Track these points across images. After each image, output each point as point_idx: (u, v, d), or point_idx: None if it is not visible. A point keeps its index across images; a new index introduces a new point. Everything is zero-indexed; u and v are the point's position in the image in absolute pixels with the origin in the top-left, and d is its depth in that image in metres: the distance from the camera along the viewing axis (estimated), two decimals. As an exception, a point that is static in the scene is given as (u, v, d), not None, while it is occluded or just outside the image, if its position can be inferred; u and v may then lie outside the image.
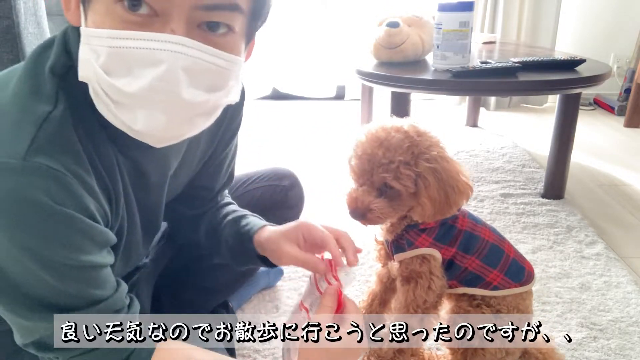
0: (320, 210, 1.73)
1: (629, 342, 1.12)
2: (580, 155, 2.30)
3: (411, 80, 1.63)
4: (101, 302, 0.60)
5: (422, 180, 0.80)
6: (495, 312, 0.90)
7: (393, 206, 0.84)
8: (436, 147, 0.83)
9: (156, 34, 0.53)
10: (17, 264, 0.54)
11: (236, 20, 0.58)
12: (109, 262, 0.61)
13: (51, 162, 0.53)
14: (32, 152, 0.52)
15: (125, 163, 0.66)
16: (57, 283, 0.56)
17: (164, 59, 0.53)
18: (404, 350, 0.97)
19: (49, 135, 0.54)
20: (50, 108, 0.56)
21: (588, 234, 1.58)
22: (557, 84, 1.61)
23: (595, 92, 3.15)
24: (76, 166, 0.56)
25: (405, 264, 0.91)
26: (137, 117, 0.55)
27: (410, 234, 0.90)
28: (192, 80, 0.55)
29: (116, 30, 0.53)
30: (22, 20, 1.20)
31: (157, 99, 0.54)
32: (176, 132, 0.60)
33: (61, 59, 0.59)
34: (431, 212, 0.82)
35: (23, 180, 0.51)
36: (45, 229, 0.53)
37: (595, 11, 3.10)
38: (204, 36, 0.56)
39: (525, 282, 0.92)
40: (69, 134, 0.56)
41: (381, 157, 0.80)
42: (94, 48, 0.54)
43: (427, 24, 1.87)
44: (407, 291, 0.91)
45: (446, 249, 0.90)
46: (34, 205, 0.51)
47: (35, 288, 0.56)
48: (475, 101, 2.73)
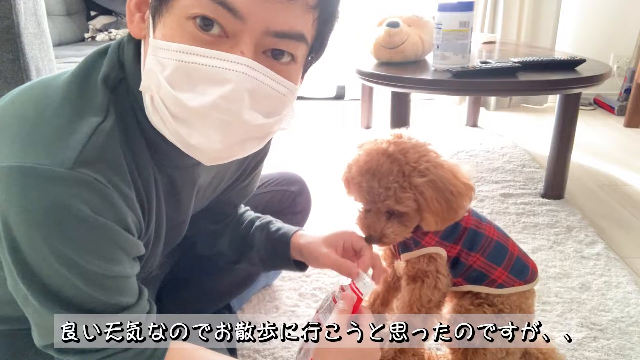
0: (319, 210, 1.73)
1: (629, 342, 1.12)
2: (580, 155, 2.30)
3: (411, 80, 1.63)
4: (127, 309, 0.61)
5: (422, 195, 0.80)
6: (498, 312, 0.90)
7: (404, 224, 0.85)
8: (425, 156, 0.82)
9: (227, 54, 0.54)
10: (50, 268, 0.54)
11: (300, 50, 0.59)
12: (136, 271, 0.63)
13: (97, 174, 0.54)
14: (79, 162, 0.53)
15: (162, 180, 0.67)
16: (87, 288, 0.56)
17: (232, 79, 0.54)
18: (405, 350, 0.97)
19: (97, 147, 0.55)
20: (101, 119, 0.57)
21: (588, 234, 1.58)
22: (557, 84, 1.61)
23: (595, 92, 3.15)
24: (119, 179, 0.57)
25: (412, 263, 0.91)
26: (194, 132, 0.56)
27: (417, 233, 0.90)
28: (253, 103, 0.56)
29: (188, 45, 0.54)
30: (22, 20, 1.20)
31: (218, 117, 0.55)
32: (228, 153, 0.61)
33: (115, 71, 0.60)
34: (436, 223, 0.83)
35: (68, 190, 0.52)
36: (83, 238, 0.54)
37: (595, 11, 3.10)
38: (269, 62, 0.57)
39: (530, 280, 0.92)
40: (115, 148, 0.57)
41: (378, 187, 0.81)
42: (160, 60, 0.55)
43: (427, 24, 1.87)
44: (413, 290, 0.91)
45: (452, 247, 0.90)
46: (75, 215, 0.52)
47: (66, 292, 0.56)
48: (475, 101, 2.73)
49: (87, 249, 0.54)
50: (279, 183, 1.09)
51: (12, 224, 0.52)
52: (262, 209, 1.07)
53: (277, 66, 0.58)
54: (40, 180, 0.51)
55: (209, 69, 0.54)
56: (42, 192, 0.51)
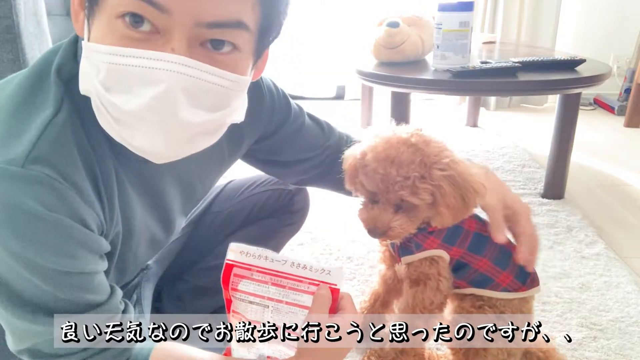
0: (319, 210, 1.73)
1: (629, 342, 1.12)
2: (580, 155, 2.30)
3: (411, 80, 1.63)
4: (96, 307, 0.59)
5: (439, 189, 0.79)
6: (499, 313, 0.90)
7: (411, 219, 0.83)
8: (445, 151, 0.82)
9: (156, 52, 0.51)
10: (10, 270, 0.54)
11: (241, 38, 0.56)
12: (102, 268, 0.61)
13: (49, 170, 0.53)
14: (30, 159, 0.52)
15: (127, 173, 0.65)
16: (49, 288, 0.55)
17: (163, 79, 0.51)
18: (406, 350, 0.96)
19: (49, 142, 0.54)
20: (54, 112, 0.55)
21: (588, 234, 1.58)
22: (557, 84, 1.61)
23: (595, 92, 3.15)
24: (74, 175, 0.55)
25: (414, 267, 0.90)
26: (135, 134, 0.55)
27: (419, 236, 0.89)
28: (191, 100, 0.54)
29: (116, 47, 0.52)
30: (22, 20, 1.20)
31: (155, 119, 0.53)
32: (175, 152, 0.59)
33: (69, 64, 0.59)
34: (450, 218, 0.82)
35: (19, 187, 0.51)
36: (38, 236, 0.52)
37: (595, 11, 3.10)
38: (208, 55, 0.54)
39: (532, 284, 0.92)
40: (69, 142, 0.56)
41: (395, 176, 0.79)
42: (94, 63, 0.53)
43: (427, 24, 1.87)
44: (416, 293, 0.91)
45: (454, 250, 0.89)
46: (27, 212, 0.51)
47: (28, 292, 0.55)
48: (475, 101, 2.73)
49: (44, 246, 0.53)
50: (277, 182, 1.07)
51: None
52: (260, 207, 1.07)
53: (217, 57, 0.55)
54: None
55: (140, 70, 0.51)
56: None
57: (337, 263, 0.69)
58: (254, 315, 0.67)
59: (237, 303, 0.68)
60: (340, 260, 1.42)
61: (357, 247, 1.49)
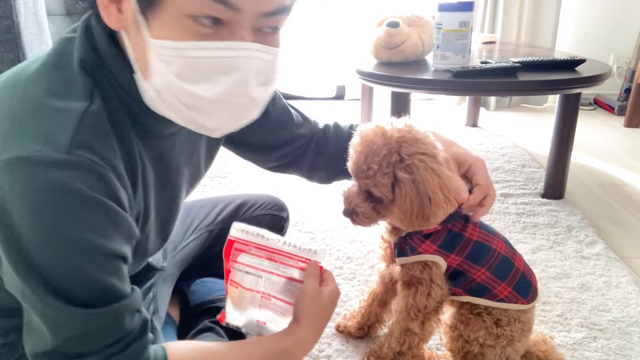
0: (319, 210, 1.73)
1: (629, 342, 1.12)
2: (580, 155, 2.30)
3: (411, 80, 1.63)
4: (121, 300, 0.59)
5: (399, 188, 0.78)
6: (496, 321, 0.89)
7: (377, 210, 0.83)
8: (422, 155, 0.78)
9: (232, 42, 0.57)
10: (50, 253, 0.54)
11: (285, 20, 0.63)
12: (129, 256, 0.63)
13: (92, 155, 0.56)
14: (75, 145, 0.55)
15: (147, 153, 0.68)
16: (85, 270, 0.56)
17: (241, 66, 0.58)
18: (404, 351, 0.96)
19: (89, 128, 0.57)
20: (88, 103, 0.58)
21: (588, 234, 1.58)
22: (557, 84, 1.61)
23: (595, 92, 3.15)
24: (112, 158, 0.59)
25: (407, 269, 0.90)
26: (210, 117, 0.61)
27: (414, 239, 0.88)
28: (258, 79, 0.61)
29: (194, 42, 0.56)
30: (22, 20, 1.21)
31: (233, 101, 0.60)
32: (238, 124, 0.66)
33: (90, 57, 0.61)
34: (402, 222, 0.81)
35: (67, 173, 0.54)
36: (81, 215, 0.55)
37: (595, 11, 3.10)
38: (265, 38, 0.61)
39: (531, 299, 0.91)
40: (105, 128, 0.60)
41: (362, 163, 0.80)
42: (164, 59, 0.57)
43: (427, 24, 1.87)
44: (407, 296, 0.90)
45: (452, 257, 0.88)
46: (74, 194, 0.54)
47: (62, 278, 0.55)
48: (475, 101, 2.73)
49: (84, 225, 0.55)
50: (272, 207, 1.19)
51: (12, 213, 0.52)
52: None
53: (271, 39, 0.62)
54: (39, 167, 0.53)
55: (218, 61, 0.57)
56: (42, 177, 0.53)
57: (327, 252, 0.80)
58: (249, 284, 0.80)
59: (235, 272, 0.81)
60: (340, 260, 1.42)
61: (357, 247, 1.49)
